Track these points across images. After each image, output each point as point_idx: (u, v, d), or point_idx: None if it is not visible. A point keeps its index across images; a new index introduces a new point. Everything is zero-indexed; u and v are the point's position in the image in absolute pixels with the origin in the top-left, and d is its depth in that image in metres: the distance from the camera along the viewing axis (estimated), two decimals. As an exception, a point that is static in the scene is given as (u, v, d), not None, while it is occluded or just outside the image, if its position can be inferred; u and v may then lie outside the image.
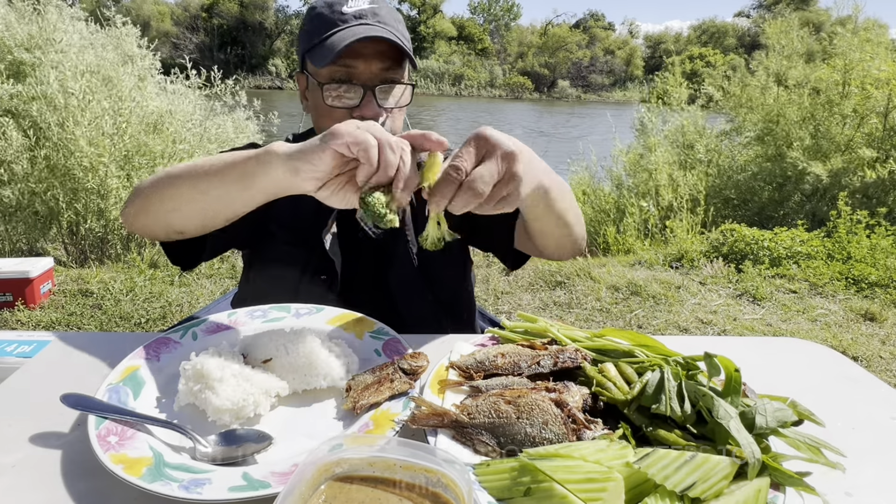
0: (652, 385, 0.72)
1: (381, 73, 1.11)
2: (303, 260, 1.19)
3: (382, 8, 1.15)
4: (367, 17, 1.11)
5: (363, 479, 0.57)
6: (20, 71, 4.49)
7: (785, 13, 8.95)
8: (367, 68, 1.10)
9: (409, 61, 1.13)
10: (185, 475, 0.62)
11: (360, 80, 1.11)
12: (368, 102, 1.11)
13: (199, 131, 5.20)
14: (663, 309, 3.95)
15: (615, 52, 62.00)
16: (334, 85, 1.10)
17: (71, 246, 4.69)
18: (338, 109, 1.12)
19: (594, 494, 0.56)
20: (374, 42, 1.08)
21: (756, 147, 6.61)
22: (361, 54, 1.09)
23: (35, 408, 0.77)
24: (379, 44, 1.09)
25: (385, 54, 1.11)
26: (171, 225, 0.96)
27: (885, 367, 3.24)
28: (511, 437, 0.67)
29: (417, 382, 0.80)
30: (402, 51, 1.10)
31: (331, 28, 1.10)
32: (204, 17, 50.89)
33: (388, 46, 1.10)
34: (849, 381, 0.96)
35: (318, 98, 1.13)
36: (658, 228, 5.88)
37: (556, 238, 1.08)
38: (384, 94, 1.13)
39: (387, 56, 1.11)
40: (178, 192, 0.91)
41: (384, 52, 1.10)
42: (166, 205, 0.93)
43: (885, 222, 4.94)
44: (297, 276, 1.19)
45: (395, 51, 1.11)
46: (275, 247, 1.22)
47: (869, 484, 0.69)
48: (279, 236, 1.21)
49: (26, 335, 1.05)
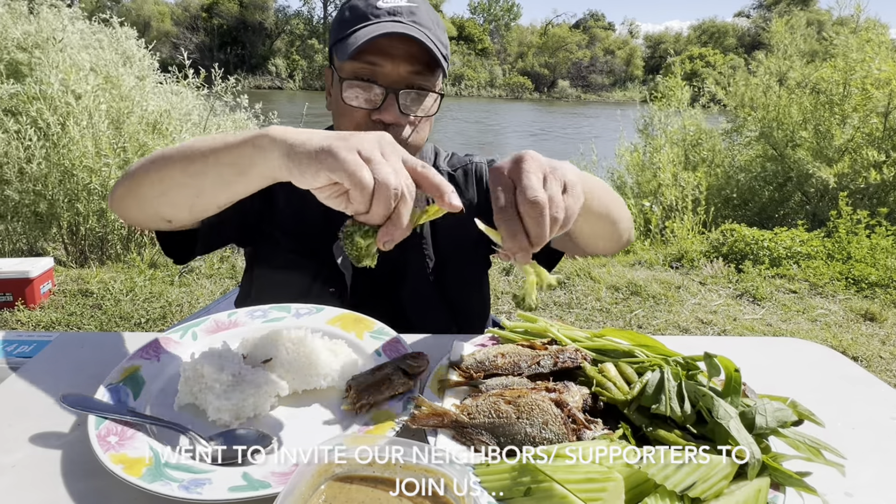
0: (652, 385, 0.72)
1: (409, 76, 1.03)
2: (311, 270, 1.14)
3: (421, 8, 1.07)
4: (402, 14, 1.03)
5: (363, 479, 0.57)
6: (17, 71, 4.49)
7: (790, 11, 8.96)
8: (393, 69, 1.02)
9: (441, 68, 1.06)
10: (185, 475, 0.62)
11: (384, 81, 1.03)
12: (390, 106, 1.03)
13: (198, 131, 5.21)
14: (663, 309, 3.95)
15: (615, 52, 62.01)
16: (356, 82, 1.03)
17: (71, 246, 4.69)
18: (356, 109, 1.04)
19: (594, 494, 0.56)
20: (404, 41, 1.00)
21: (757, 147, 6.61)
22: (389, 53, 1.01)
23: (35, 408, 0.77)
24: (410, 44, 1.01)
25: (415, 57, 1.03)
26: (159, 212, 0.89)
27: (885, 367, 3.24)
28: (511, 437, 0.67)
29: (417, 382, 0.80)
30: (434, 55, 1.02)
31: (361, 21, 1.03)
32: (204, 17, 50.89)
33: (419, 49, 1.02)
34: (849, 381, 0.96)
35: (339, 94, 1.05)
36: (659, 228, 5.88)
37: (606, 237, 1.02)
38: (409, 100, 1.05)
39: (417, 59, 1.03)
40: (168, 174, 0.82)
41: (414, 55, 1.02)
42: (155, 188, 0.84)
43: (885, 222, 4.94)
44: (305, 286, 1.15)
45: (427, 54, 1.02)
46: (279, 254, 1.17)
47: (869, 484, 0.69)
48: (283, 244, 1.16)
49: (26, 335, 1.06)
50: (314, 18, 58.34)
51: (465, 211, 0.71)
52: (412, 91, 1.04)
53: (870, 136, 5.88)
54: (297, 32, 55.78)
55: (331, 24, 1.17)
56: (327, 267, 1.13)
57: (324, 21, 57.76)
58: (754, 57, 7.43)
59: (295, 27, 56.08)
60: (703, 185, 5.95)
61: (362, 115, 1.04)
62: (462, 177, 1.27)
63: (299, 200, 1.10)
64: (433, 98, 1.09)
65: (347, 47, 0.99)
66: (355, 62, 1.02)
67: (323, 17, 58.09)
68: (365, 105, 1.04)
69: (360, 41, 0.97)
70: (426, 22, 1.05)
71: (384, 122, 1.04)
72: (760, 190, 6.44)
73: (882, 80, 5.69)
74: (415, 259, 1.19)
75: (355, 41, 0.98)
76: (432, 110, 1.10)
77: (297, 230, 1.15)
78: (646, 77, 58.73)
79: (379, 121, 1.04)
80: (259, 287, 1.23)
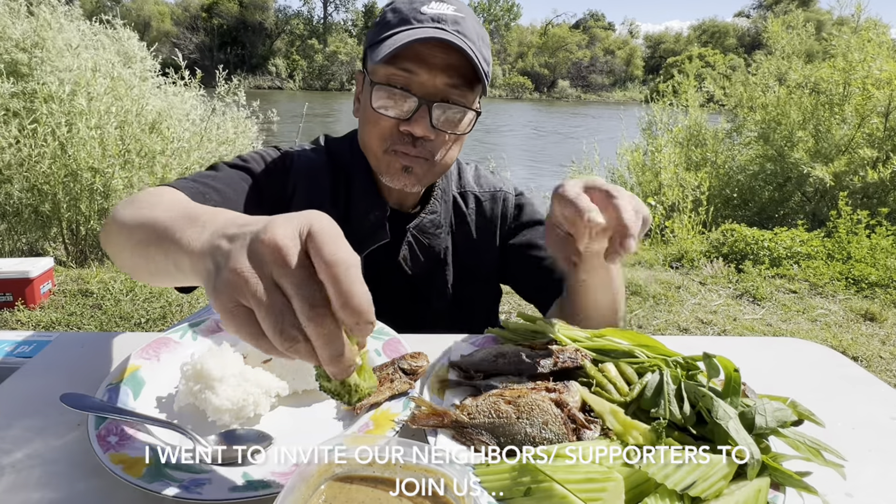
0: (650, 388, 0.72)
1: (446, 88, 0.96)
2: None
3: (468, 19, 0.99)
4: (446, 22, 0.95)
5: (363, 479, 0.57)
6: (17, 70, 4.49)
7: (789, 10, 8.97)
8: (430, 79, 0.95)
9: (481, 85, 1.00)
10: (185, 475, 0.62)
11: (419, 90, 0.95)
12: (421, 118, 0.95)
13: (198, 130, 5.21)
14: (663, 309, 3.95)
15: (615, 52, 62.06)
16: (387, 88, 0.96)
17: (71, 246, 4.69)
18: (384, 118, 0.98)
19: (594, 494, 0.56)
20: (444, 50, 0.93)
21: (757, 147, 6.61)
22: (427, 62, 0.94)
23: (35, 408, 0.77)
24: (450, 54, 0.94)
25: (455, 69, 0.95)
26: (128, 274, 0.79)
27: (885, 367, 3.24)
28: (511, 437, 0.67)
29: (417, 382, 0.80)
30: (476, 69, 0.95)
31: (403, 25, 0.96)
32: (204, 17, 50.92)
33: (460, 60, 0.94)
34: (849, 381, 0.96)
35: (368, 100, 0.99)
36: (659, 228, 5.88)
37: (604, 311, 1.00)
38: (443, 115, 0.98)
39: (457, 71, 0.95)
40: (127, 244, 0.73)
41: (454, 67, 0.95)
42: (123, 253, 0.75)
43: (885, 222, 4.95)
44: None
45: (468, 67, 0.95)
46: None
47: (869, 484, 0.69)
48: None
49: (26, 335, 1.05)
50: (314, 18, 58.38)
51: (480, 241, 0.70)
52: (447, 105, 0.97)
53: (870, 137, 5.88)
54: (297, 32, 55.80)
55: (331, 24, 1.16)
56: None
57: (324, 21, 57.79)
58: (754, 57, 7.44)
59: (295, 27, 56.11)
60: (705, 185, 5.96)
61: (390, 125, 0.99)
62: (489, 203, 1.23)
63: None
64: (470, 116, 1.01)
65: (383, 49, 0.93)
66: (390, 67, 0.95)
67: (323, 18, 58.11)
68: (394, 114, 0.97)
69: (397, 44, 0.91)
70: (471, 35, 0.97)
71: (413, 135, 0.98)
72: (760, 190, 6.44)
73: (883, 80, 5.69)
74: (438, 281, 1.17)
75: (393, 44, 0.92)
76: (466, 129, 1.02)
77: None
78: (646, 77, 58.77)
79: (408, 132, 0.98)
80: None
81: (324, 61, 54.11)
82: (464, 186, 1.24)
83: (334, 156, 1.16)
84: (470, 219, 1.22)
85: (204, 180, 0.98)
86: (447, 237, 1.19)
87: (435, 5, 0.98)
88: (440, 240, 1.17)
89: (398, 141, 1.00)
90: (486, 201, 1.24)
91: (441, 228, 1.16)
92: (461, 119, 1.00)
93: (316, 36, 55.97)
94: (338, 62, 53.87)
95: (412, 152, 1.00)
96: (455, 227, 1.21)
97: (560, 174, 8.41)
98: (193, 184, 0.95)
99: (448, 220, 1.19)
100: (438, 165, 1.04)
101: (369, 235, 1.09)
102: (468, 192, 1.23)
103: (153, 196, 0.82)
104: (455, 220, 1.21)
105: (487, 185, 1.26)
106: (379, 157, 1.03)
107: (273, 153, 1.14)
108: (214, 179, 1.00)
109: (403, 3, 1.00)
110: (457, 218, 1.21)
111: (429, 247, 1.16)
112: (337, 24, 61.27)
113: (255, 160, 1.10)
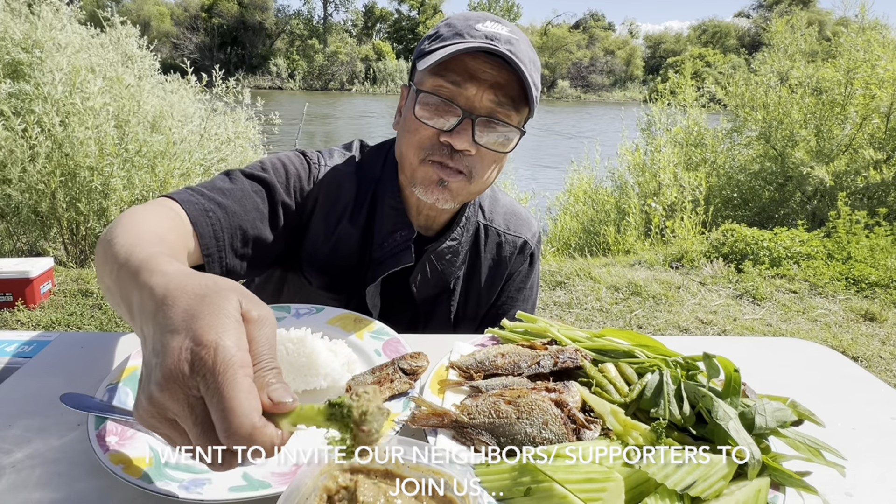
0: (650, 388, 0.72)
1: (492, 105, 0.94)
2: (338, 305, 1.07)
3: (522, 42, 0.97)
4: (499, 41, 0.93)
5: (364, 480, 0.57)
6: (17, 70, 4.49)
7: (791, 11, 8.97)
8: (478, 95, 0.93)
9: (528, 108, 0.98)
10: (185, 475, 0.62)
11: (464, 104, 0.93)
12: (464, 131, 0.93)
13: (198, 130, 5.21)
14: (663, 309, 3.95)
15: (615, 52, 62.08)
16: (433, 97, 0.94)
17: (71, 246, 4.69)
18: (425, 126, 0.95)
19: (594, 494, 0.56)
20: (494, 67, 0.92)
21: (757, 146, 6.61)
22: (476, 77, 0.92)
23: (35, 408, 0.77)
24: (500, 72, 0.93)
25: (503, 87, 0.93)
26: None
27: (885, 367, 3.25)
28: (511, 437, 0.67)
29: (417, 382, 0.80)
30: (525, 89, 0.94)
31: (455, 39, 0.95)
32: (204, 18, 50.94)
33: (509, 78, 0.93)
34: (849, 381, 0.96)
35: (412, 108, 0.96)
36: (659, 228, 5.88)
37: None
38: (486, 131, 0.96)
39: (504, 90, 0.94)
40: (101, 274, 0.70)
41: (503, 85, 0.93)
42: (101, 281, 0.73)
43: (884, 222, 4.95)
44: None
45: (517, 88, 0.94)
46: (306, 290, 1.12)
47: (869, 484, 0.69)
48: (314, 281, 1.10)
49: (26, 335, 1.05)
50: (314, 18, 58.40)
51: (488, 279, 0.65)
52: (492, 121, 0.95)
53: (872, 137, 5.88)
54: (297, 32, 55.81)
55: (331, 24, 1.16)
56: (354, 302, 1.10)
57: (324, 21, 57.80)
58: (754, 57, 7.44)
59: (295, 27, 56.12)
60: (704, 185, 5.96)
61: (430, 134, 0.96)
62: (510, 250, 1.23)
63: (335, 243, 1.09)
64: (514, 137, 0.99)
65: (432, 58, 0.92)
66: (437, 78, 0.94)
67: (323, 18, 58.13)
68: (437, 125, 0.95)
69: (447, 53, 0.90)
70: (523, 56, 0.94)
71: (453, 147, 0.95)
72: (760, 190, 6.44)
73: (886, 80, 5.69)
74: (443, 305, 1.18)
75: (443, 53, 0.91)
76: (507, 148, 0.99)
77: (329, 270, 1.10)
78: (646, 77, 58.78)
79: (448, 143, 0.95)
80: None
81: (324, 61, 54.15)
82: (491, 221, 1.21)
83: (365, 167, 1.13)
84: (485, 256, 1.21)
85: (211, 194, 0.95)
86: (461, 267, 1.18)
87: (490, 24, 0.96)
88: (454, 268, 1.16)
89: (436, 151, 0.97)
90: (506, 246, 1.22)
91: (458, 257, 1.15)
92: (504, 138, 0.98)
93: (316, 36, 55.99)
94: (338, 62, 53.89)
95: (450, 163, 0.96)
96: (469, 260, 1.20)
97: (560, 174, 8.40)
98: (199, 198, 0.93)
99: (466, 250, 1.18)
100: (475, 184, 1.00)
101: (392, 256, 1.07)
102: (492, 229, 1.21)
103: (145, 221, 0.78)
104: (472, 251, 1.20)
105: (515, 229, 1.24)
106: (415, 167, 1.00)
107: (297, 162, 1.09)
108: (224, 194, 0.96)
109: (459, 19, 0.99)
110: (473, 250, 1.20)
111: (441, 273, 1.15)
112: (337, 25, 61.34)
113: (277, 170, 1.05)
